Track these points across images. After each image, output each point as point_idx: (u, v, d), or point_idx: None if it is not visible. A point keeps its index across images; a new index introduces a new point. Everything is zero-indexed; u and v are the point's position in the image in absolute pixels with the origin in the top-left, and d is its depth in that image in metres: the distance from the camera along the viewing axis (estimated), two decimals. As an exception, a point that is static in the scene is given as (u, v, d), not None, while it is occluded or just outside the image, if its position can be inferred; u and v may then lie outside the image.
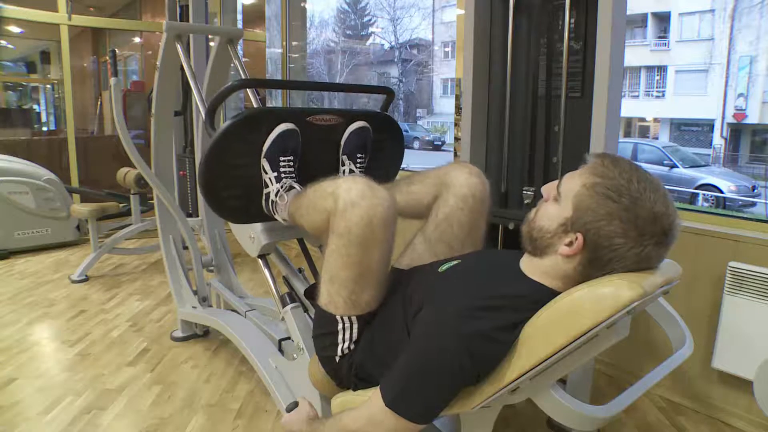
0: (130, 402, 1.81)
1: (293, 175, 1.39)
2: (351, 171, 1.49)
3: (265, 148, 1.36)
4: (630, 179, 0.88)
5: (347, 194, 1.05)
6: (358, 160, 1.50)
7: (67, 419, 1.70)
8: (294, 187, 1.35)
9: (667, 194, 0.90)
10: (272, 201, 1.38)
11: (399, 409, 0.93)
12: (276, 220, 1.41)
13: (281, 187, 1.36)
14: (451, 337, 0.90)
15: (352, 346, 1.17)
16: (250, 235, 1.57)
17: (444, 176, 1.30)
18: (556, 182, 0.97)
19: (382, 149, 1.58)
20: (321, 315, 1.19)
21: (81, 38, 7.09)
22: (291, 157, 1.38)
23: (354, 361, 1.17)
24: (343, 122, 1.48)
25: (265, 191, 1.40)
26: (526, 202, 1.76)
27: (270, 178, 1.37)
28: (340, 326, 1.16)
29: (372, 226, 1.03)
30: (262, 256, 1.59)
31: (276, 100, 4.75)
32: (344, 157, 1.49)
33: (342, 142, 1.49)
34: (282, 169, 1.37)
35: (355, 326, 1.16)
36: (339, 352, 1.17)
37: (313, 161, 1.45)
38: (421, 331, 0.97)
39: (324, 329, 1.19)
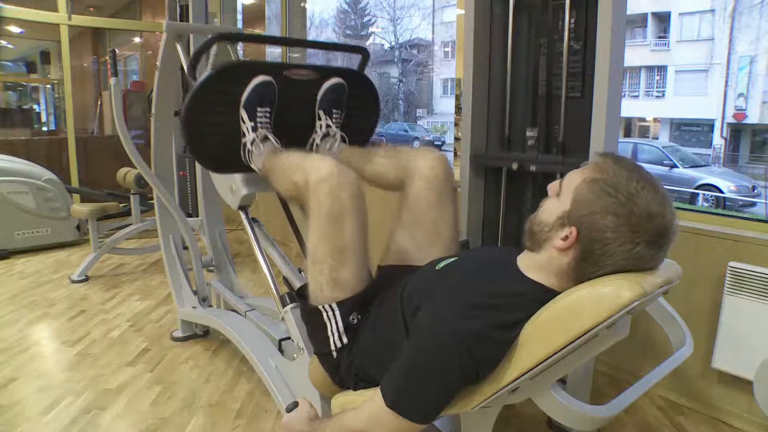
0: (130, 402, 1.81)
1: (269, 125, 1.48)
2: (327, 126, 1.57)
3: (243, 98, 1.45)
4: (630, 178, 0.89)
5: (316, 173, 1.16)
6: (334, 115, 1.58)
7: (67, 419, 1.70)
8: (269, 138, 1.45)
9: (667, 197, 0.90)
10: (248, 150, 1.47)
11: (400, 408, 0.93)
12: (254, 171, 1.50)
13: (257, 136, 1.45)
14: (449, 336, 0.90)
15: (343, 338, 1.18)
16: (231, 187, 1.63)
17: (408, 161, 1.36)
18: (560, 180, 0.98)
19: (357, 107, 1.66)
20: (307, 312, 1.25)
21: (81, 38, 7.10)
22: (268, 109, 1.47)
23: (353, 361, 1.17)
24: (319, 78, 1.55)
25: (243, 141, 1.48)
26: (529, 143, 1.76)
27: (247, 128, 1.46)
28: (324, 316, 1.19)
29: (339, 199, 1.14)
30: (243, 208, 1.64)
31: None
32: (320, 111, 1.57)
33: (318, 98, 1.56)
34: (259, 120, 1.46)
35: (338, 313, 1.18)
36: (332, 346, 1.19)
37: (291, 115, 1.54)
38: (420, 330, 0.97)
39: (312, 325, 1.24)
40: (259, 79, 1.43)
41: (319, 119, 1.57)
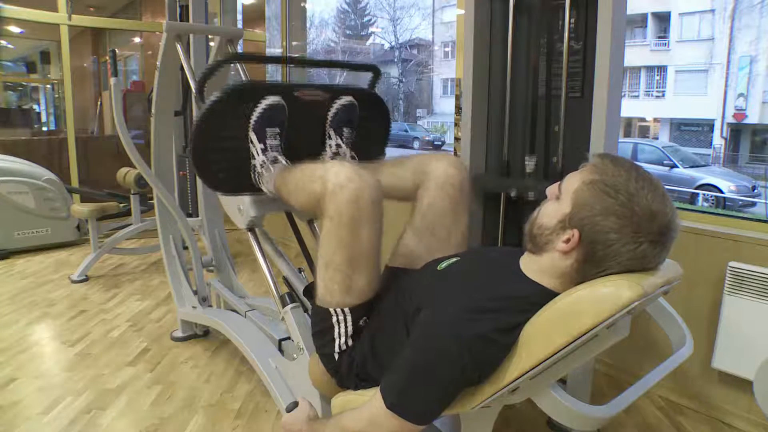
0: (130, 402, 1.81)
1: (279, 147, 1.44)
2: (337, 145, 1.53)
3: (252, 120, 1.41)
4: (629, 177, 0.89)
5: (336, 177, 1.10)
6: (345, 135, 1.54)
7: (67, 419, 1.70)
8: (279, 160, 1.40)
9: (666, 194, 0.90)
10: (258, 173, 1.43)
11: (400, 410, 0.93)
12: (264, 192, 1.46)
13: (267, 159, 1.41)
14: (451, 339, 0.90)
15: (349, 342, 1.17)
16: (239, 207, 1.60)
17: (423, 166, 1.33)
18: (559, 183, 0.98)
19: (368, 126, 1.62)
20: (316, 311, 1.21)
21: (81, 38, 7.09)
22: (277, 130, 1.43)
23: (354, 360, 1.17)
24: (329, 98, 1.52)
25: (252, 163, 1.45)
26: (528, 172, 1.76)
27: (257, 150, 1.42)
28: (334, 319, 1.17)
29: (359, 205, 1.08)
30: (251, 229, 1.62)
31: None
32: (331, 131, 1.53)
33: (329, 117, 1.53)
34: (268, 141, 1.42)
35: (349, 318, 1.17)
36: (337, 348, 1.18)
37: (300, 135, 1.49)
38: (421, 332, 0.97)
39: (320, 326, 1.20)
40: (269, 100, 1.39)
41: (329, 138, 1.53)
